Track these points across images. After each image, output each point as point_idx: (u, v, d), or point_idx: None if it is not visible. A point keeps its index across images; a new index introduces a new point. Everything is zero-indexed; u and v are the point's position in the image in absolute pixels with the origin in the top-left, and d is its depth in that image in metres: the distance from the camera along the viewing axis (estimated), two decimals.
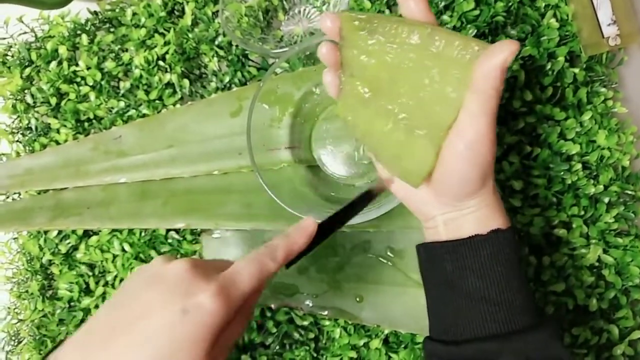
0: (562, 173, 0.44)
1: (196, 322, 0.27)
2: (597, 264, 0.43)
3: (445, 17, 0.48)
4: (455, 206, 0.33)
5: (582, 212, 0.44)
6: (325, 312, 0.46)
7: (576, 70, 0.45)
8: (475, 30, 0.47)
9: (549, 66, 0.46)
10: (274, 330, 0.47)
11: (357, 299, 0.46)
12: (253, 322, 0.47)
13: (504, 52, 0.27)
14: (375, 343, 0.45)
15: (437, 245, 0.34)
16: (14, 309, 0.53)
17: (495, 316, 0.31)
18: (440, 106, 0.30)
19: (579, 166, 0.44)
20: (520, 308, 0.32)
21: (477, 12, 0.47)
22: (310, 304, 0.46)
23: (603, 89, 0.45)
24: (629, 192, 0.44)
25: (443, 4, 0.48)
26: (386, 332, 0.45)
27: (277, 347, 0.47)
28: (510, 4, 0.47)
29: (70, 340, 0.29)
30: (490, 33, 0.47)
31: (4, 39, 0.57)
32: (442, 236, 0.34)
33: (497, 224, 0.33)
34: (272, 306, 0.47)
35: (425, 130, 0.30)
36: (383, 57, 0.30)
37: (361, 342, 0.45)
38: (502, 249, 0.32)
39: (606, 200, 0.44)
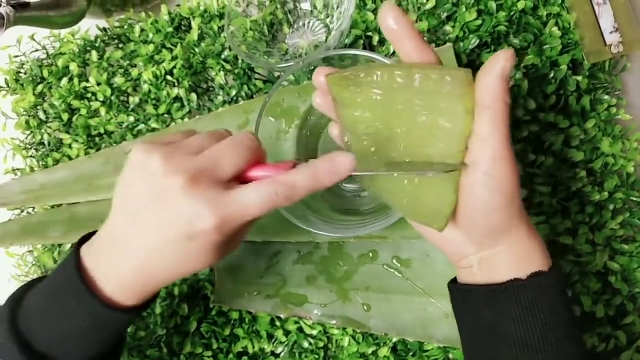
0: (567, 180, 0.45)
1: (199, 246, 0.29)
2: (603, 270, 0.44)
3: (447, 28, 0.48)
4: (488, 244, 0.31)
5: (588, 219, 0.44)
6: (334, 322, 0.46)
7: (579, 78, 0.46)
8: (478, 40, 0.47)
9: (552, 74, 0.46)
10: (284, 339, 0.48)
11: (365, 308, 0.46)
12: (263, 331, 0.48)
13: (500, 61, 0.26)
14: (384, 351, 0.45)
15: (473, 288, 0.32)
16: None
17: None
18: (442, 141, 0.29)
19: (584, 173, 0.45)
20: (567, 357, 0.29)
21: (479, 22, 0.47)
22: (319, 314, 0.47)
23: (606, 97, 0.46)
24: (634, 199, 0.44)
25: (445, 14, 0.48)
26: (394, 340, 0.46)
27: (288, 356, 0.47)
28: (512, 13, 0.47)
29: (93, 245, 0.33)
30: (492, 43, 0.48)
31: (17, 57, 0.59)
32: (478, 277, 0.32)
33: (538, 264, 0.30)
34: (282, 316, 0.48)
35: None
36: (374, 107, 0.30)
37: (370, 351, 0.46)
38: (545, 294, 0.29)
39: (611, 207, 0.44)
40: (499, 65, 0.26)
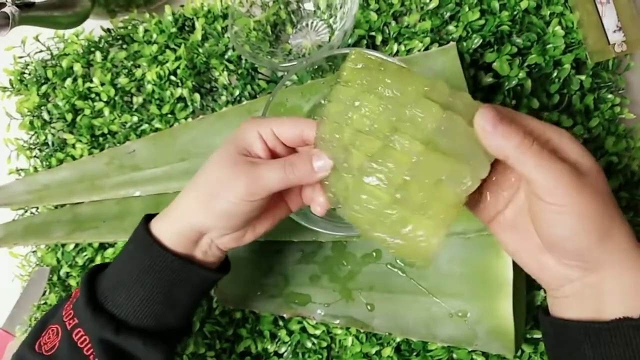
0: None
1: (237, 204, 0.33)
2: None
3: (450, 27, 0.48)
4: (588, 268, 0.28)
5: None
6: (337, 321, 0.46)
7: (583, 77, 0.46)
8: (481, 40, 0.47)
9: (555, 74, 0.46)
10: (287, 339, 0.47)
11: (369, 308, 0.46)
12: (266, 331, 0.48)
13: (484, 117, 0.26)
14: (387, 351, 0.45)
15: (573, 325, 0.28)
16: (34, 320, 0.54)
17: None
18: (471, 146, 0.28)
19: None
20: None
21: (482, 21, 0.48)
22: (322, 313, 0.47)
23: (610, 96, 0.46)
24: (639, 198, 0.44)
25: (449, 14, 0.48)
26: (398, 340, 0.45)
27: (291, 356, 0.47)
28: (515, 12, 0.47)
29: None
30: (495, 42, 0.48)
31: (22, 57, 0.59)
32: (576, 309, 0.29)
33: None
34: (285, 315, 0.48)
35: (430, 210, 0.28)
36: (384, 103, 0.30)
37: (373, 350, 0.46)
38: None
39: None
40: (483, 121, 0.26)
